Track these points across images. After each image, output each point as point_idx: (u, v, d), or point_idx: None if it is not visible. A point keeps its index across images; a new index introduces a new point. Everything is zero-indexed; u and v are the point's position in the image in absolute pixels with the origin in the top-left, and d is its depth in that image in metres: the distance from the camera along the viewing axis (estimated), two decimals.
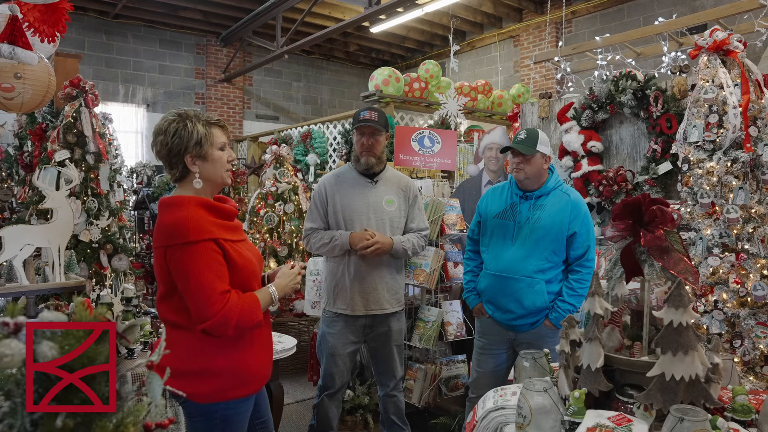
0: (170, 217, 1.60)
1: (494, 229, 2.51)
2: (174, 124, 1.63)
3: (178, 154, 1.62)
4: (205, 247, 1.57)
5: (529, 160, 2.39)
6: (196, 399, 1.59)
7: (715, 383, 1.40)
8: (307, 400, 3.87)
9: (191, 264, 1.54)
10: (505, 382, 2.63)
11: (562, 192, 2.46)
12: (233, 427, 1.65)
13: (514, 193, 2.50)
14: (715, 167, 2.58)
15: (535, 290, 2.37)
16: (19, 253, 2.48)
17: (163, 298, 1.64)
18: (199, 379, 1.59)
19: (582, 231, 2.40)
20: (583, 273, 2.39)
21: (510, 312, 2.43)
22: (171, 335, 1.64)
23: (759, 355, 2.48)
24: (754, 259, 2.49)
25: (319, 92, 11.52)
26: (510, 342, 2.51)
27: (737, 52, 2.64)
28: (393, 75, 5.65)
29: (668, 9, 6.73)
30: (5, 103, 2.33)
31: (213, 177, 1.68)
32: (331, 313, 2.66)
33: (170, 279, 1.59)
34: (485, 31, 9.85)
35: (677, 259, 1.42)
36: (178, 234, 1.56)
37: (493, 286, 2.47)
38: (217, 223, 1.64)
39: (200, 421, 1.61)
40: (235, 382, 1.63)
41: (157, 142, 1.64)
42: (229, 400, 1.62)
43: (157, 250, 1.62)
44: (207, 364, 1.60)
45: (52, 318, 0.60)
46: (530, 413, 1.34)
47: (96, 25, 8.91)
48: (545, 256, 2.38)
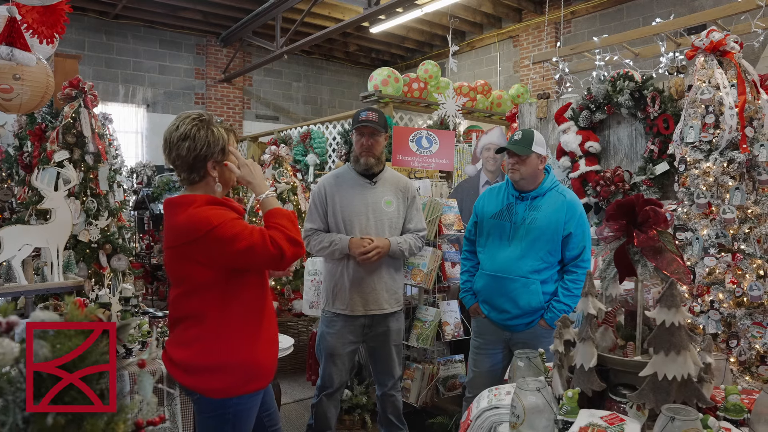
0: (185, 214, 1.60)
1: (491, 229, 2.52)
2: (203, 130, 1.63)
3: (204, 160, 1.64)
4: (231, 222, 1.59)
5: (524, 160, 2.39)
6: (211, 395, 1.61)
7: (708, 383, 1.41)
8: (305, 400, 3.87)
9: (230, 236, 1.56)
10: (501, 381, 2.64)
11: (558, 193, 2.46)
12: (243, 422, 1.67)
13: (511, 193, 2.51)
14: (712, 168, 2.58)
15: (530, 290, 2.38)
16: (18, 253, 2.50)
17: (185, 295, 1.64)
18: (214, 375, 1.61)
19: (577, 232, 2.40)
20: (579, 273, 2.40)
21: (505, 312, 2.44)
22: (186, 332, 1.65)
23: (755, 355, 2.49)
24: (750, 260, 2.50)
25: (319, 92, 11.53)
26: (506, 342, 2.51)
27: (734, 52, 2.64)
28: (392, 75, 5.66)
29: (667, 9, 6.74)
30: (4, 104, 2.34)
31: (228, 181, 1.72)
32: (330, 313, 2.67)
33: (191, 275, 1.60)
34: (485, 31, 9.85)
35: (670, 260, 1.43)
36: (198, 227, 1.57)
37: (489, 286, 2.48)
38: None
39: (212, 417, 1.63)
40: (248, 376, 1.65)
41: (183, 147, 1.62)
42: (242, 395, 1.64)
43: (172, 249, 1.63)
44: (222, 359, 1.61)
45: (45, 317, 0.61)
46: (523, 412, 1.35)
47: (96, 26, 8.92)
48: (541, 256, 2.39)
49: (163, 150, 1.68)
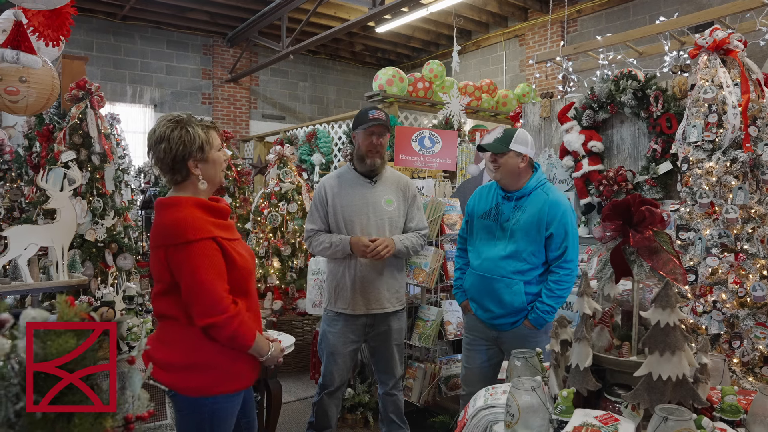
0: (169, 217, 1.64)
1: (479, 229, 2.52)
2: (177, 131, 1.65)
3: (183, 160, 1.66)
4: (205, 245, 1.61)
5: (501, 159, 2.37)
6: (186, 392, 1.63)
7: (704, 383, 1.40)
8: (308, 398, 3.90)
9: (194, 263, 1.58)
10: (494, 378, 2.63)
11: (542, 192, 2.42)
12: (221, 422, 1.68)
13: (498, 193, 2.50)
14: (714, 167, 2.57)
15: (513, 291, 2.37)
16: (24, 252, 2.54)
17: (162, 294, 1.68)
18: (190, 373, 1.63)
19: (559, 232, 2.36)
20: (561, 274, 2.37)
21: (490, 311, 2.44)
22: (166, 330, 1.68)
23: (758, 356, 2.47)
24: (754, 260, 2.48)
25: (325, 92, 11.56)
26: (494, 340, 2.51)
27: (737, 51, 2.62)
28: (397, 75, 5.67)
29: (674, 7, 6.69)
30: (10, 106, 2.38)
31: (213, 178, 1.74)
32: (332, 312, 2.68)
33: (169, 276, 1.63)
34: (491, 30, 9.83)
35: (666, 260, 1.43)
36: (177, 234, 1.60)
37: (476, 285, 2.48)
38: (215, 222, 1.69)
39: (189, 414, 1.65)
40: (224, 377, 1.66)
41: (159, 150, 1.65)
42: (218, 395, 1.65)
43: (155, 249, 1.66)
44: (200, 358, 1.64)
45: (36, 315, 0.63)
46: (518, 412, 1.36)
47: (104, 27, 9.00)
48: (524, 257, 2.37)
49: (147, 153, 1.71)
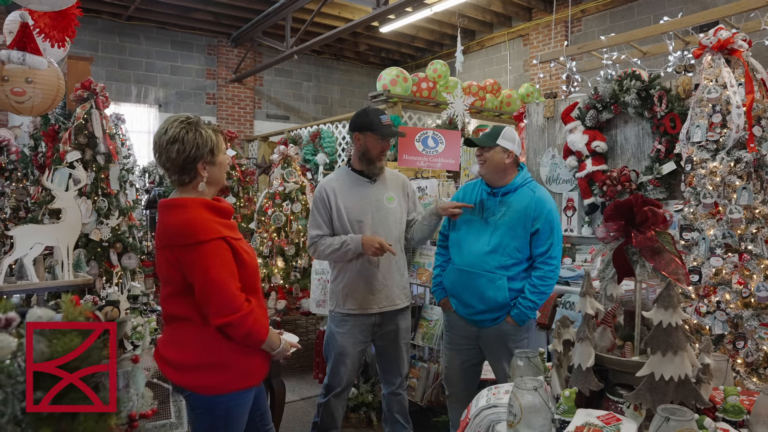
0: (176, 218, 1.64)
1: (463, 224, 2.53)
2: (191, 133, 1.67)
3: (193, 161, 1.68)
4: (216, 245, 1.63)
5: (487, 153, 2.40)
6: (201, 392, 1.64)
7: (706, 384, 1.40)
8: (312, 398, 3.91)
9: (206, 263, 1.59)
10: (477, 379, 2.62)
11: (528, 189, 2.45)
12: (235, 419, 1.69)
13: (484, 189, 2.52)
14: (718, 167, 2.56)
15: (495, 286, 2.37)
16: (29, 251, 2.56)
17: (173, 295, 1.68)
18: (204, 372, 1.64)
19: (545, 228, 2.38)
20: (545, 270, 2.38)
21: (471, 307, 2.43)
22: (179, 331, 1.69)
23: (762, 357, 2.46)
24: (758, 260, 2.47)
25: (330, 92, 11.58)
26: (475, 338, 2.50)
27: (742, 51, 2.61)
28: (401, 75, 5.67)
29: (679, 6, 6.66)
30: (16, 107, 2.40)
31: (217, 180, 1.77)
32: (339, 314, 2.66)
33: (179, 277, 1.64)
34: (495, 30, 9.82)
35: (668, 260, 1.43)
36: (187, 234, 1.61)
37: (458, 281, 2.47)
38: (221, 222, 1.70)
39: (204, 413, 1.66)
40: (238, 375, 1.68)
41: (172, 150, 1.66)
42: (233, 392, 1.67)
43: (162, 249, 1.66)
44: (214, 358, 1.65)
45: (42, 314, 0.64)
46: (520, 411, 1.36)
47: (109, 27, 9.05)
48: (508, 252, 2.38)
49: (153, 153, 1.72)
